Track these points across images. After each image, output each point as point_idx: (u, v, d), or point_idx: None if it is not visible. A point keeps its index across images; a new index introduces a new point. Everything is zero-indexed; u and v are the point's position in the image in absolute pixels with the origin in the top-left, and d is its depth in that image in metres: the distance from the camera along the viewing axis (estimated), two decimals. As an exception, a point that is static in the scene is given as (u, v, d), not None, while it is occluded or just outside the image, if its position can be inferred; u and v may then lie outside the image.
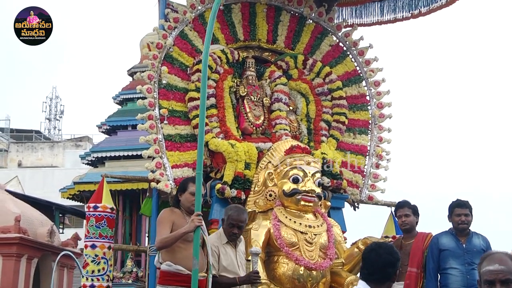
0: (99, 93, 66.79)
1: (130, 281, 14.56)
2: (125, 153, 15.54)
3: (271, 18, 9.39)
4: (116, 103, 16.75)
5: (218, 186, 7.96)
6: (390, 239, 7.88)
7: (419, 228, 7.85)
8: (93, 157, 15.94)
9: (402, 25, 10.67)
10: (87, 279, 7.81)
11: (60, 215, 19.48)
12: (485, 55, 73.43)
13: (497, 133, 64.57)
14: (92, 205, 7.94)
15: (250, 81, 8.91)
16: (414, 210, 7.76)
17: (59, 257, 12.67)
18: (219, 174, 8.18)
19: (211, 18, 5.98)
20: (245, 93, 8.77)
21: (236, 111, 8.73)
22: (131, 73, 16.80)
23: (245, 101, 8.77)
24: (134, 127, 15.78)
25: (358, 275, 7.83)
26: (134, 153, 15.43)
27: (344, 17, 10.78)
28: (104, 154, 15.72)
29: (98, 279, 7.77)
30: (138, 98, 15.91)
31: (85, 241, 8.04)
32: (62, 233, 16.07)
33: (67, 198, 16.20)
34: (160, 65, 8.41)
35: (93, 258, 7.81)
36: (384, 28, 10.72)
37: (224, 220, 6.61)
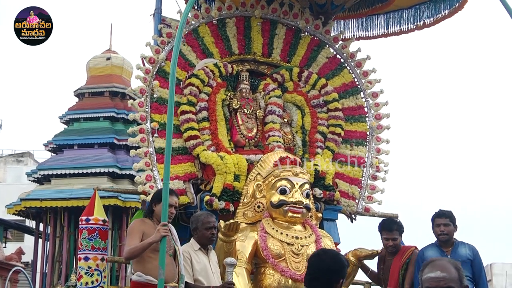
0: (40, 110, 67.60)
1: None
2: (72, 171, 15.94)
3: (267, 31, 9.44)
4: (63, 122, 17.18)
5: (207, 198, 8.01)
6: (380, 251, 7.82)
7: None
8: (40, 174, 16.27)
9: (399, 37, 10.64)
10: None
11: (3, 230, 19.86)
12: (484, 64, 72.81)
13: (504, 144, 63.88)
14: (84, 218, 7.97)
15: (244, 94, 8.96)
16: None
17: (10, 273, 12.89)
18: (208, 186, 8.23)
19: (178, 31, 6.04)
20: (238, 105, 8.83)
21: (229, 123, 8.78)
22: (78, 94, 17.26)
23: (238, 113, 8.82)
24: (80, 146, 16.47)
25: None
26: (81, 171, 15.89)
27: (350, 30, 10.86)
28: (50, 172, 16.10)
29: None
30: (84, 119, 16.41)
31: (78, 254, 8.16)
32: (5, 247, 16.37)
33: (13, 214, 16.55)
34: (152, 79, 8.52)
35: (86, 270, 7.84)
36: (382, 40, 10.73)
37: (196, 228, 6.71)
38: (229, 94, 8.91)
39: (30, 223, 17.74)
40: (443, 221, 7.34)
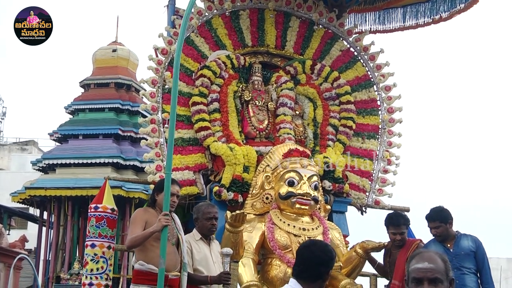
0: (45, 100, 68.24)
1: (76, 283, 14.98)
2: (76, 161, 16.13)
3: (280, 23, 9.47)
4: (68, 112, 17.41)
5: (216, 188, 8.09)
6: (386, 244, 7.83)
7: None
8: (45, 163, 16.45)
9: (414, 31, 10.62)
10: (86, 277, 7.90)
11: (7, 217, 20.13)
12: (500, 60, 72.04)
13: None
14: (93, 205, 8.04)
15: (256, 86, 9.00)
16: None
17: (15, 260, 13.04)
18: (218, 177, 8.31)
19: (183, 23, 6.09)
20: (250, 97, 8.88)
21: (240, 115, 8.85)
22: (83, 85, 17.48)
23: (249, 105, 8.87)
24: (85, 136, 16.64)
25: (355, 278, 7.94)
26: (85, 161, 16.07)
27: (367, 23, 10.87)
28: (55, 161, 16.31)
29: (96, 278, 7.83)
30: (90, 109, 16.59)
31: (86, 241, 8.24)
32: (9, 234, 16.60)
33: (18, 202, 16.81)
34: (164, 70, 8.58)
35: (92, 257, 7.88)
36: (396, 34, 10.72)
37: (197, 219, 6.78)
38: (241, 86, 8.95)
39: (34, 211, 17.94)
40: (433, 225, 7.36)
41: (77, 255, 15.69)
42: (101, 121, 16.71)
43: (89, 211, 8.18)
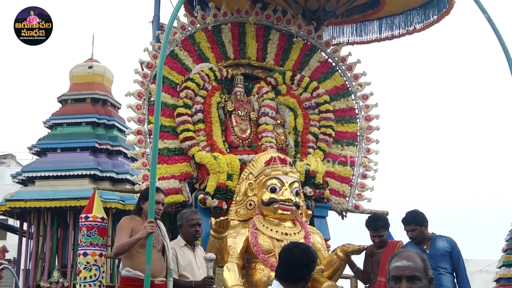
0: (22, 114, 69.74)
1: None
2: (55, 173, 16.58)
3: (261, 36, 9.83)
4: (46, 127, 17.89)
5: (201, 196, 8.36)
6: (367, 247, 8.12)
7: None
8: (24, 176, 16.98)
9: (389, 42, 11.05)
10: (80, 285, 8.13)
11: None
12: (470, 67, 74.79)
13: (492, 143, 65.82)
14: (83, 215, 8.26)
15: (238, 96, 9.33)
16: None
17: None
18: (203, 185, 8.59)
19: (165, 35, 6.43)
20: (233, 108, 9.21)
21: (223, 125, 9.16)
22: (61, 100, 18.00)
23: (232, 115, 9.20)
24: (63, 149, 17.15)
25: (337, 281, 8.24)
26: (63, 173, 16.53)
27: (345, 35, 11.28)
28: (35, 174, 16.81)
29: (90, 285, 8.07)
30: (67, 124, 17.21)
31: (78, 250, 8.48)
32: None
33: None
34: (150, 83, 8.89)
35: (85, 265, 8.10)
36: (372, 45, 11.14)
37: (181, 225, 7.06)
38: (224, 97, 9.28)
39: (14, 222, 18.42)
40: (409, 228, 7.65)
41: (56, 264, 16.11)
42: (78, 135, 17.21)
43: (80, 220, 8.45)
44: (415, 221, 7.66)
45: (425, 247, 7.59)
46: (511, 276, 21.08)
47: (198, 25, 9.54)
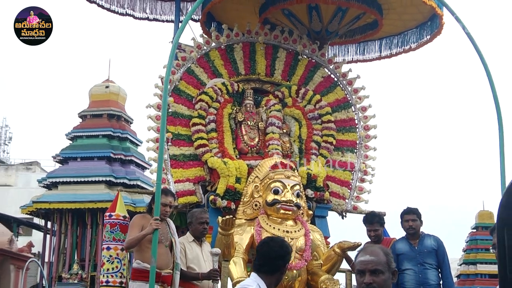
0: (45, 126, 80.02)
1: (76, 281, 17.35)
2: (75, 179, 18.53)
3: (269, 54, 10.69)
4: (68, 139, 19.77)
5: (211, 197, 9.17)
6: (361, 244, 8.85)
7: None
8: (49, 181, 18.94)
9: (389, 60, 11.97)
10: (103, 276, 8.96)
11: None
12: (458, 81, 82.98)
13: (483, 149, 69.75)
14: (108, 214, 9.06)
15: (248, 108, 10.18)
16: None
17: (27, 263, 14.59)
18: (214, 187, 9.42)
19: (172, 47, 7.39)
20: (243, 118, 10.06)
21: (234, 134, 10.01)
22: (81, 116, 19.93)
23: (242, 125, 10.04)
24: (82, 158, 19.10)
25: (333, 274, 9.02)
26: (82, 179, 18.49)
27: (349, 54, 12.20)
28: (58, 180, 18.76)
29: (112, 276, 8.84)
30: (86, 136, 19.29)
31: (102, 244, 9.32)
32: (17, 240, 18.47)
33: (26, 213, 19.26)
34: (168, 96, 9.83)
35: (108, 258, 8.88)
36: (374, 62, 12.02)
37: (191, 223, 7.89)
38: (235, 109, 10.12)
39: (40, 221, 20.82)
40: (411, 217, 8.29)
41: (76, 258, 18.08)
42: (95, 146, 19.14)
43: (104, 218, 9.37)
44: (417, 213, 8.35)
45: (414, 243, 8.23)
46: (470, 273, 22.45)
47: (213, 44, 10.44)
